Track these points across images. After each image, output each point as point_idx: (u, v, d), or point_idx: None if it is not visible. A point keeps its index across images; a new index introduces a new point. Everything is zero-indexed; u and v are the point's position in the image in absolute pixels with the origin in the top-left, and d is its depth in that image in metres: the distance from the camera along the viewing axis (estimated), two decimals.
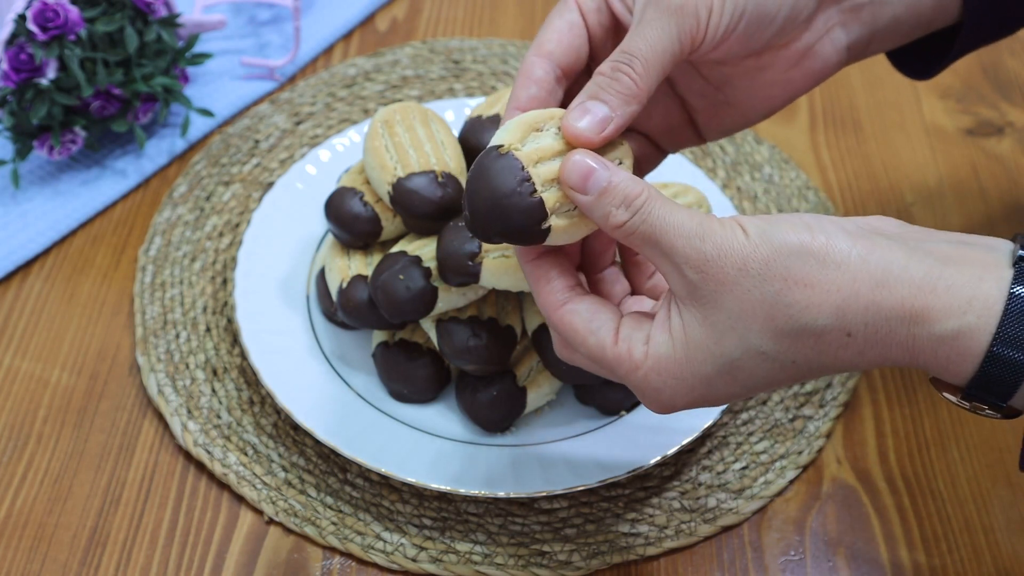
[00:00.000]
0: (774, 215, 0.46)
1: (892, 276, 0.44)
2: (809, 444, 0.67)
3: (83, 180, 0.80)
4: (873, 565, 0.62)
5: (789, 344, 0.45)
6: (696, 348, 0.46)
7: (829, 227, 0.45)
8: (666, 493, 0.65)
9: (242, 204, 0.79)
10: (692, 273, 0.45)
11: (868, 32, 0.57)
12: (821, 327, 0.45)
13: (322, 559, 0.62)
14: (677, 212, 0.46)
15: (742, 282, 0.44)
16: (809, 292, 0.44)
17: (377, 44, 0.92)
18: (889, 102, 0.88)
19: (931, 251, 0.45)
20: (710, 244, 0.45)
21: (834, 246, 0.44)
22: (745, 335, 0.45)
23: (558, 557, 0.62)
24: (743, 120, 0.58)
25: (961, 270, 0.44)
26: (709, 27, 0.50)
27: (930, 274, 0.44)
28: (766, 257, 0.44)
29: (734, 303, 0.45)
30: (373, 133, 0.66)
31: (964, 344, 0.44)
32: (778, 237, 0.45)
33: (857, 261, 0.44)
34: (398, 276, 0.62)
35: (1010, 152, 0.84)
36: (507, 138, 0.48)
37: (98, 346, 0.71)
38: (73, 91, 0.76)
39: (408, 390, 0.65)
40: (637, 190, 0.46)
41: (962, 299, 0.43)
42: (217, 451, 0.65)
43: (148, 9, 0.78)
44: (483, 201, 0.47)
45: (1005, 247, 0.46)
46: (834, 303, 0.44)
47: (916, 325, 0.44)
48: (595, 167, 0.46)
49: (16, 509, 0.63)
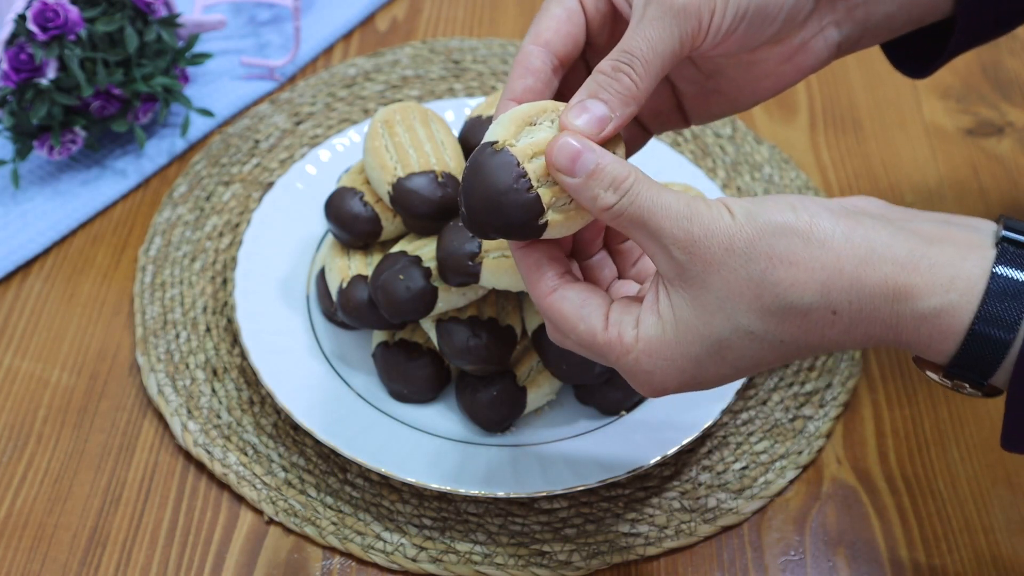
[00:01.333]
0: (761, 196, 0.47)
1: (875, 254, 0.44)
2: (809, 444, 0.67)
3: (83, 180, 0.80)
4: (873, 565, 0.62)
5: (776, 323, 0.46)
6: (685, 329, 0.47)
7: (813, 207, 0.46)
8: (666, 493, 0.65)
9: (242, 204, 0.79)
10: (680, 254, 0.46)
11: (860, 29, 0.57)
12: (807, 305, 0.45)
13: (322, 559, 0.62)
14: (664, 194, 0.46)
15: (728, 262, 0.45)
16: (794, 270, 0.45)
17: (377, 44, 0.92)
18: (889, 102, 0.88)
19: (915, 230, 0.45)
20: (697, 225, 0.45)
21: (818, 224, 0.45)
22: (733, 315, 0.46)
23: (558, 557, 0.62)
24: (731, 107, 0.58)
25: (944, 249, 0.45)
26: (711, 29, 0.50)
27: (913, 252, 0.44)
28: (751, 236, 0.45)
29: (721, 283, 0.45)
30: (373, 133, 0.66)
31: (946, 322, 0.44)
32: (763, 217, 0.45)
33: (841, 239, 0.45)
34: (398, 276, 0.62)
35: (1010, 152, 0.84)
36: (501, 133, 0.48)
37: (98, 346, 0.71)
38: (73, 91, 0.76)
39: (408, 390, 0.65)
40: (624, 172, 0.46)
41: (945, 277, 0.44)
42: (217, 451, 0.65)
43: (148, 9, 0.78)
44: (480, 198, 0.47)
45: (988, 227, 0.46)
46: (819, 280, 0.45)
47: (899, 303, 0.45)
48: (582, 149, 0.46)
49: (16, 509, 0.63)
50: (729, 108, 0.58)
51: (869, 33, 0.58)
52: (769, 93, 0.58)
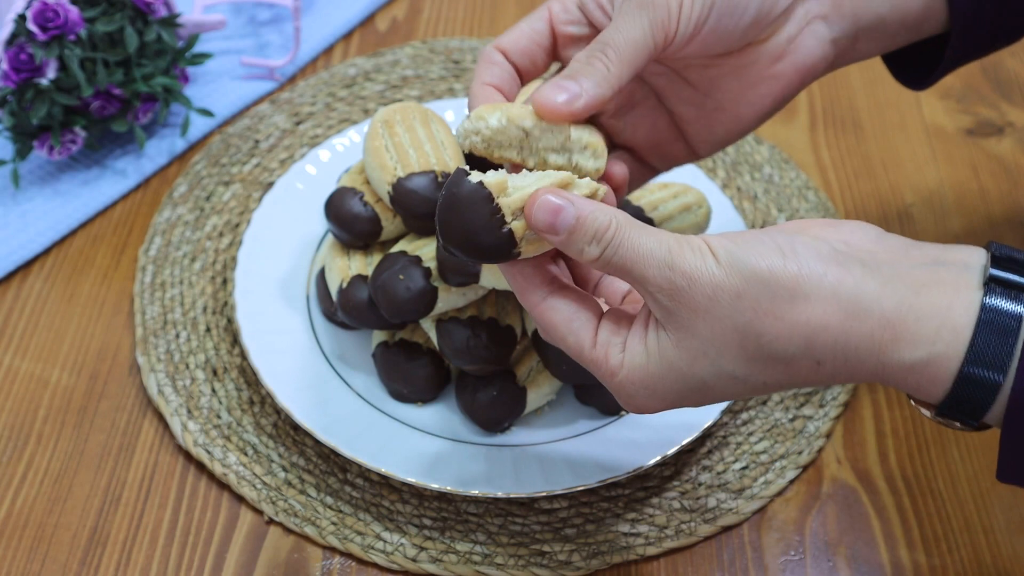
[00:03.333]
0: (746, 234, 0.46)
1: (863, 308, 0.44)
2: (809, 444, 0.67)
3: (83, 180, 0.80)
4: (873, 565, 0.62)
5: (760, 368, 0.46)
6: (669, 368, 0.47)
7: (802, 252, 0.45)
8: (666, 493, 0.65)
9: (242, 204, 0.79)
10: (665, 300, 0.46)
11: (852, 28, 0.57)
12: (791, 355, 0.45)
13: (322, 559, 0.62)
14: (646, 240, 0.46)
15: (713, 311, 0.45)
16: (779, 324, 0.45)
17: (377, 44, 0.92)
18: (889, 102, 0.88)
19: (904, 277, 0.45)
20: (679, 273, 0.45)
21: (805, 276, 0.45)
22: (717, 360, 0.46)
23: (558, 557, 0.62)
24: (735, 124, 0.58)
25: (931, 298, 0.44)
26: (681, 18, 0.52)
27: (901, 305, 0.44)
28: (736, 288, 0.45)
29: (706, 329, 0.46)
30: (373, 133, 0.66)
31: (934, 371, 0.45)
32: (748, 264, 0.45)
33: (828, 293, 0.44)
34: (398, 276, 0.62)
35: (1010, 152, 0.84)
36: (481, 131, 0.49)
37: (98, 346, 0.71)
38: (73, 91, 0.76)
39: (408, 390, 0.65)
40: (605, 223, 0.46)
41: (931, 329, 0.44)
42: (217, 451, 0.65)
43: (148, 9, 0.78)
44: (456, 234, 0.47)
45: (978, 261, 0.46)
46: (804, 335, 0.45)
47: (885, 354, 0.45)
48: (561, 205, 0.46)
49: (16, 509, 0.63)
50: (734, 125, 0.58)
51: (863, 35, 0.58)
52: (770, 101, 0.57)
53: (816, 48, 0.57)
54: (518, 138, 0.50)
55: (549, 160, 0.51)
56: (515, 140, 0.50)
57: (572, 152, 0.51)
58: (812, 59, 0.57)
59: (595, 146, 0.51)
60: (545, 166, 0.51)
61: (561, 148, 0.51)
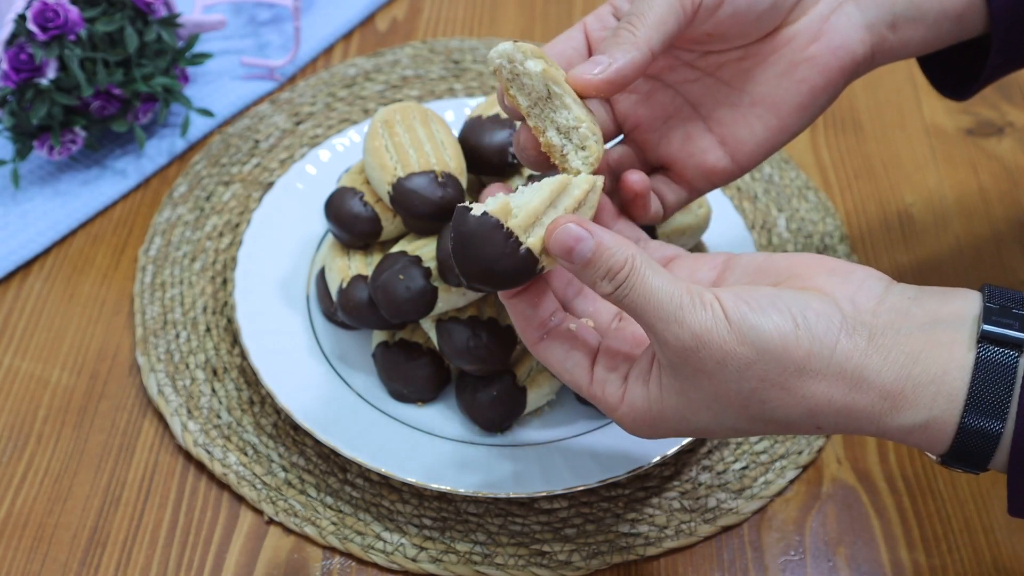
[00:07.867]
0: (759, 293, 0.46)
1: (866, 382, 0.46)
2: (809, 444, 0.67)
3: (83, 180, 0.80)
4: (873, 565, 0.62)
5: (761, 426, 0.48)
6: (671, 412, 0.49)
7: (813, 322, 0.46)
8: (666, 493, 0.65)
9: (242, 204, 0.79)
10: (672, 355, 0.47)
11: (887, 15, 0.56)
12: (793, 420, 0.47)
13: (322, 559, 0.62)
14: (658, 290, 0.46)
15: (719, 374, 0.46)
16: (785, 395, 0.46)
17: (377, 44, 0.92)
18: (889, 102, 0.88)
19: (903, 345, 0.46)
20: (688, 332, 0.46)
21: (816, 354, 0.46)
22: (720, 414, 0.48)
23: (558, 557, 0.62)
24: (776, 120, 0.56)
25: (928, 366, 0.46)
26: None
27: (900, 375, 0.46)
28: (747, 358, 0.45)
29: (711, 388, 0.47)
30: (373, 133, 0.66)
31: (933, 432, 0.46)
32: (760, 334, 0.45)
33: (836, 370, 0.46)
34: (398, 276, 0.62)
35: (1010, 152, 0.84)
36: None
37: (98, 346, 0.71)
38: (73, 91, 0.76)
39: (408, 390, 0.65)
40: (620, 262, 0.46)
41: (928, 395, 0.46)
42: (217, 451, 0.65)
43: (148, 9, 0.78)
44: (477, 270, 0.48)
45: (971, 313, 0.47)
46: (808, 406, 0.46)
47: (884, 421, 0.46)
48: (580, 236, 0.47)
49: (16, 509, 0.63)
50: (774, 121, 0.56)
51: (902, 23, 0.57)
52: (808, 88, 0.56)
53: (851, 31, 0.56)
54: (540, 95, 0.51)
55: (547, 134, 0.52)
56: (535, 93, 0.51)
57: (570, 142, 0.51)
58: (848, 42, 0.56)
59: (592, 152, 0.51)
60: (540, 134, 0.52)
61: (564, 132, 0.51)
